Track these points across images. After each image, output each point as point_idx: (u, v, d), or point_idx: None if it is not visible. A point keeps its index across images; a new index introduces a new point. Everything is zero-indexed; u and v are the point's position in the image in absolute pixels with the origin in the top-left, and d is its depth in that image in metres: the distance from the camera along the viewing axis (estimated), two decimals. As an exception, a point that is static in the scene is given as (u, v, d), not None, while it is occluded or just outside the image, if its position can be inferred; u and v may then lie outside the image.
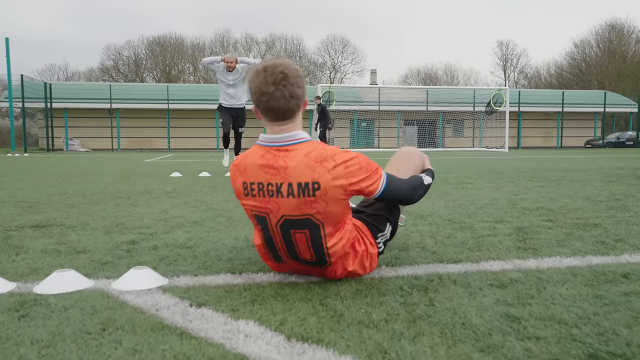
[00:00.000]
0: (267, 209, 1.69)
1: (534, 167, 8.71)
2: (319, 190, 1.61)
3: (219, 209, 3.65)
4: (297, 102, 1.66)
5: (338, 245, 1.72)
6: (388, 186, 1.76)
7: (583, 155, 16.59)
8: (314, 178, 1.61)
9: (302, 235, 1.69)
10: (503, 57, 60.20)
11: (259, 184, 1.67)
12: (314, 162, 1.62)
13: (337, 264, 1.76)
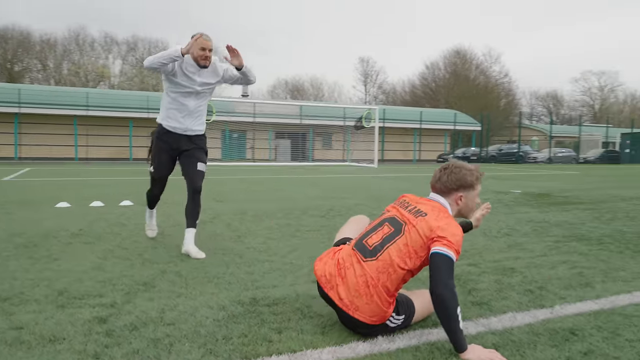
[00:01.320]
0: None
1: (419, 190, 9.54)
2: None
3: (157, 261, 3.49)
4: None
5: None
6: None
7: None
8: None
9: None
10: (364, 72, 64.32)
11: None
12: None
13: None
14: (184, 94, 3.74)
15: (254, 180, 12.31)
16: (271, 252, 3.86)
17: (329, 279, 2.19)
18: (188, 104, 3.75)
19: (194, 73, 3.70)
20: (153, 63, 3.49)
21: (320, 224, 5.29)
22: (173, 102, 3.74)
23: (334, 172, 17.55)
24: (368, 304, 2.08)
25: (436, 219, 2.14)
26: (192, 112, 3.78)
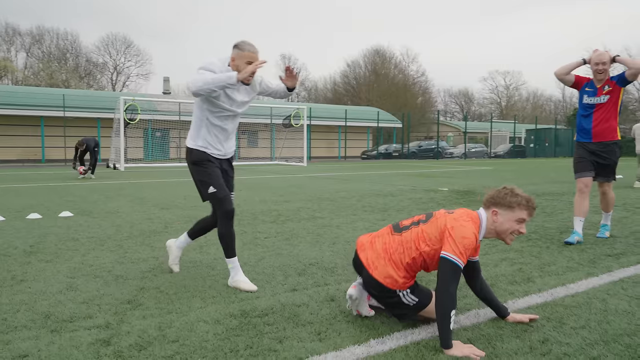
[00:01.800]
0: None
1: (355, 190, 9.96)
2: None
3: (129, 277, 3.53)
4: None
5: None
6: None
7: (379, 170, 19.17)
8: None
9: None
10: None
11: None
12: None
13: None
14: (224, 117, 3.28)
15: (187, 183, 12.16)
16: (240, 262, 3.99)
17: (364, 245, 2.71)
18: (227, 128, 3.32)
19: (234, 91, 3.23)
20: (202, 89, 3.01)
21: (275, 230, 5.47)
22: (213, 127, 3.26)
23: (265, 171, 17.66)
24: (384, 267, 2.55)
25: (455, 219, 2.49)
26: (230, 134, 3.38)
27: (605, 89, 4.75)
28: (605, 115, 4.78)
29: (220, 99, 3.20)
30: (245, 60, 3.13)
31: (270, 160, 29.71)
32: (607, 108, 4.77)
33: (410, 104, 51.39)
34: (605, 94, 4.75)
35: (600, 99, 4.78)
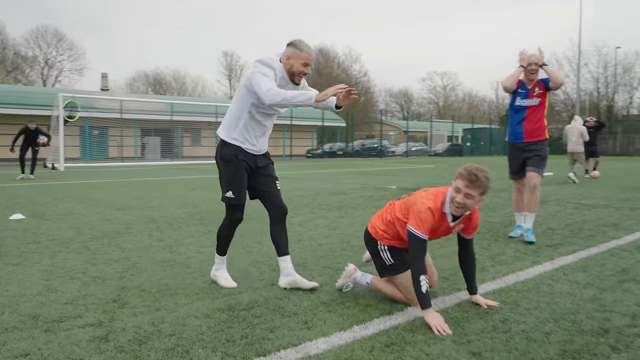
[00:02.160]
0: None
1: (308, 189, 10.18)
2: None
3: (106, 278, 3.58)
4: None
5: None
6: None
7: (326, 169, 19.49)
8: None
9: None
10: (228, 67, 63.94)
11: None
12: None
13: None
14: (267, 115, 3.25)
15: (136, 183, 11.94)
16: (211, 261, 4.09)
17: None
18: (267, 124, 3.30)
19: (283, 87, 3.15)
20: (279, 104, 2.99)
21: (243, 228, 5.55)
22: (252, 122, 3.20)
23: (212, 171, 17.54)
24: (374, 220, 3.20)
25: (421, 197, 2.91)
26: (267, 131, 3.35)
27: (536, 90, 4.97)
28: (536, 117, 5.02)
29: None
30: (302, 61, 3.09)
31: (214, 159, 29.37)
32: (537, 110, 5.01)
33: (352, 103, 52.21)
34: (537, 97, 4.98)
35: (532, 101, 4.99)
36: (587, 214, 6.87)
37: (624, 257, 4.27)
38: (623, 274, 3.71)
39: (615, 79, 48.29)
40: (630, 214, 6.81)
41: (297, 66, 3.10)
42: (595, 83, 49.15)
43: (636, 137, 42.18)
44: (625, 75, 48.53)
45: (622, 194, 9.53)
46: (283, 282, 3.28)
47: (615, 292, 3.27)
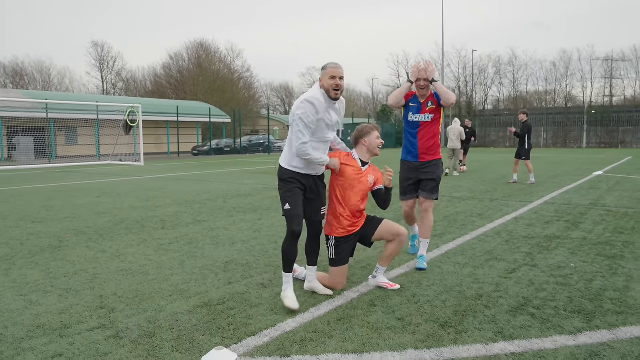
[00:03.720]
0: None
1: (214, 191, 10.69)
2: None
3: (77, 289, 4.02)
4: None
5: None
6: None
7: (221, 168, 19.80)
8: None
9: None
10: (99, 58, 60.24)
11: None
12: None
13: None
14: (319, 142, 3.71)
15: (30, 190, 11.50)
16: (165, 267, 4.69)
17: None
18: (320, 148, 3.73)
19: (328, 113, 3.67)
20: (304, 158, 3.60)
21: (172, 235, 6.14)
22: (313, 141, 3.64)
23: (105, 173, 17.09)
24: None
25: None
26: (326, 148, 3.83)
27: (429, 105, 4.61)
28: (429, 133, 4.68)
29: (321, 129, 3.64)
30: (329, 75, 3.57)
31: (96, 160, 28.01)
32: (431, 126, 4.66)
33: (236, 98, 52.41)
34: (430, 112, 4.62)
35: (424, 117, 4.65)
36: (459, 206, 8.42)
37: (488, 241, 5.64)
38: (488, 254, 5.03)
39: (473, 79, 54.32)
40: (490, 205, 8.49)
41: (326, 82, 3.56)
42: (457, 82, 54.88)
43: (491, 130, 47.97)
44: (480, 75, 54.81)
45: (483, 186, 11.49)
46: (306, 285, 3.91)
47: (484, 268, 4.52)
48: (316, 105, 3.52)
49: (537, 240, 5.63)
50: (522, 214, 7.46)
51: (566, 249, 5.20)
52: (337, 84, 3.54)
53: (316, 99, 3.53)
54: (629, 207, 8.08)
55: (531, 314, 3.38)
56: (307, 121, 3.50)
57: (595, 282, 4.08)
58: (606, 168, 16.91)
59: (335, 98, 3.60)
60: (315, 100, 3.53)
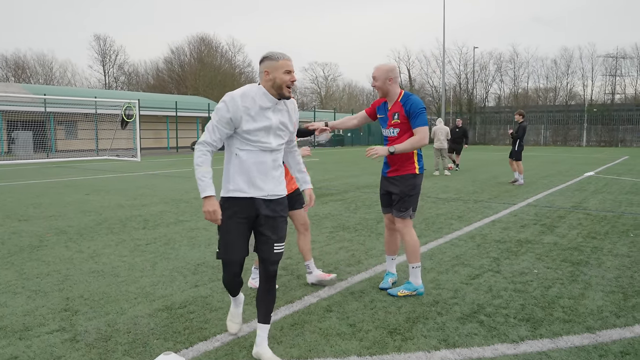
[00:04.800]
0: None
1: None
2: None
3: (45, 290, 4.13)
4: None
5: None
6: None
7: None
8: None
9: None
10: (101, 52, 60.36)
11: None
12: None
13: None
14: (261, 151, 2.87)
15: (21, 187, 11.63)
16: (137, 269, 4.80)
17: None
18: (266, 159, 2.89)
19: (261, 112, 2.83)
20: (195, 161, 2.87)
21: (151, 236, 6.24)
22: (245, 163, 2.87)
23: (100, 169, 17.22)
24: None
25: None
26: (273, 167, 2.93)
27: (395, 118, 3.98)
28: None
29: (256, 133, 2.82)
30: (283, 69, 2.80)
31: (95, 155, 28.14)
32: (399, 141, 3.96)
33: (237, 93, 52.45)
34: (394, 127, 3.99)
35: (390, 132, 4.04)
36: (442, 207, 8.50)
37: (459, 245, 5.73)
38: (456, 259, 5.11)
39: (474, 76, 54.20)
40: (473, 207, 8.56)
41: (280, 77, 2.80)
42: (458, 78, 54.76)
43: (492, 128, 47.96)
44: (481, 73, 54.67)
45: (472, 187, 11.56)
46: (254, 351, 2.95)
47: (448, 273, 4.61)
48: (239, 102, 2.74)
49: (508, 245, 5.71)
50: (501, 217, 7.54)
51: (534, 255, 5.28)
52: (294, 79, 2.85)
53: (244, 95, 2.78)
54: (609, 210, 8.15)
55: (480, 321, 3.46)
56: (219, 118, 2.79)
57: (552, 289, 4.16)
58: (599, 169, 16.94)
59: (287, 97, 2.88)
60: (240, 97, 2.76)
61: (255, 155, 2.85)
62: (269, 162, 2.89)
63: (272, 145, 2.88)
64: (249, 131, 2.80)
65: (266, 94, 2.84)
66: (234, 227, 2.88)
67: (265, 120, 2.83)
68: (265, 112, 2.83)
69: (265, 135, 2.85)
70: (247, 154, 2.84)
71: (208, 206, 2.80)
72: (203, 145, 2.86)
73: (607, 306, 3.74)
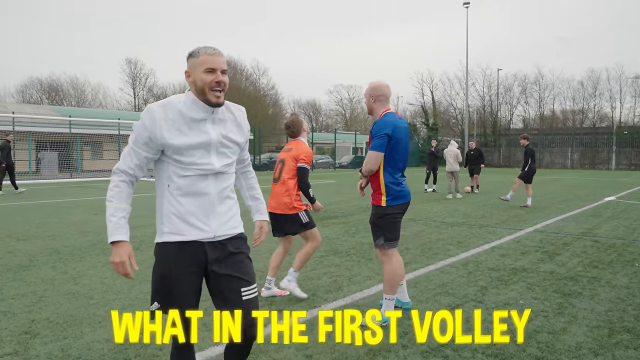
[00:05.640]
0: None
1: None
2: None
3: (15, 312, 4.12)
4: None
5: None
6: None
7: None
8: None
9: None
10: (132, 75, 62.20)
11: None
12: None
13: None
14: (200, 177, 2.19)
15: (36, 207, 11.88)
16: (113, 291, 4.76)
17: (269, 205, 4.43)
18: (209, 190, 2.21)
19: (202, 122, 2.18)
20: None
21: (140, 257, 6.20)
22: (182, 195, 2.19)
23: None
24: (278, 204, 4.47)
25: (299, 149, 4.51)
26: (218, 199, 2.24)
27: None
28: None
29: (190, 152, 2.16)
30: (203, 67, 2.12)
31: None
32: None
33: (260, 115, 53.14)
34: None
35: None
36: (444, 232, 8.27)
37: (449, 272, 5.52)
38: (441, 287, 4.91)
39: (498, 98, 53.61)
40: (477, 232, 8.31)
41: (200, 78, 2.12)
42: (482, 100, 54.24)
43: (517, 150, 47.07)
44: (506, 94, 54.05)
45: (481, 211, 11.26)
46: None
47: (428, 302, 4.42)
48: (158, 115, 2.10)
49: (501, 273, 5.48)
50: (502, 243, 7.28)
51: (525, 284, 5.04)
52: (218, 80, 2.12)
53: (167, 105, 2.14)
54: (619, 237, 7.78)
55: (445, 356, 3.28)
56: (135, 137, 2.16)
57: (534, 322, 3.93)
58: (622, 193, 16.35)
59: (216, 103, 2.15)
60: (161, 107, 2.13)
61: (192, 182, 2.17)
62: (212, 190, 2.20)
63: (214, 166, 2.19)
64: (179, 149, 2.13)
65: (196, 102, 2.17)
66: (175, 283, 2.16)
67: (200, 134, 2.16)
68: (199, 124, 2.17)
69: (204, 155, 2.17)
70: (182, 182, 2.17)
71: (115, 256, 2.10)
72: (117, 175, 2.19)
73: (588, 342, 3.50)
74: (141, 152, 2.18)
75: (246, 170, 2.67)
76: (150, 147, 2.16)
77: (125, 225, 2.17)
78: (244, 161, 2.61)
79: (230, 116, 2.30)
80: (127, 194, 2.22)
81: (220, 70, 2.16)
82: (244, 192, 2.70)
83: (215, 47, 2.18)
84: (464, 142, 42.55)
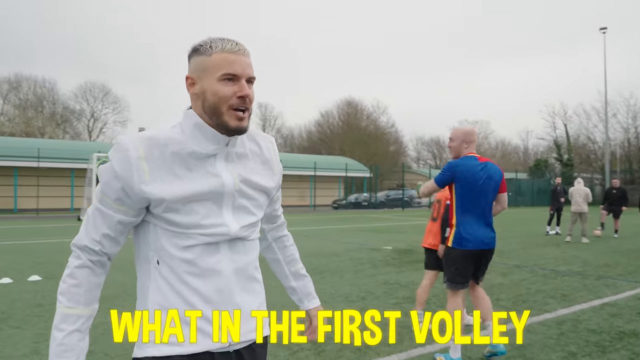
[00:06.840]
0: None
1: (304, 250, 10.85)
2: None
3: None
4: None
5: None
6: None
7: (339, 224, 20.14)
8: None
9: None
10: (263, 117, 66.66)
11: None
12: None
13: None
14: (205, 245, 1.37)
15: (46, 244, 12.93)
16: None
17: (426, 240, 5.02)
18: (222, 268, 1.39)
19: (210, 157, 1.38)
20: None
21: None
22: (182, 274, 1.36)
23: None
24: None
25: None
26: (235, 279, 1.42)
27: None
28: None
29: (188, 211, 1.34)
30: (219, 73, 1.33)
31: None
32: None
33: (380, 153, 53.37)
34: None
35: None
36: (550, 282, 7.31)
37: (537, 331, 4.79)
38: (517, 350, 4.26)
39: (646, 130, 47.67)
40: (591, 284, 7.21)
41: (213, 90, 1.33)
42: (625, 133, 48.64)
43: (671, 189, 41.10)
44: (656, 126, 47.90)
45: (606, 258, 9.83)
46: None
47: (495, 367, 3.83)
48: (136, 152, 1.31)
49: (602, 337, 4.61)
50: (618, 300, 6.20)
51: (628, 354, 4.17)
52: (243, 95, 1.34)
53: (152, 139, 1.34)
54: None
55: None
56: (102, 192, 1.35)
57: (622, 404, 3.19)
58: None
59: (236, 128, 1.35)
60: (142, 141, 1.32)
61: (195, 257, 1.36)
62: (226, 268, 1.39)
63: (230, 229, 1.38)
64: (173, 204, 1.32)
65: (201, 127, 1.36)
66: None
67: (207, 177, 1.36)
68: (205, 163, 1.37)
69: (213, 211, 1.37)
70: (179, 257, 1.36)
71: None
72: (75, 257, 1.38)
73: None
74: (113, 215, 1.35)
75: (281, 234, 1.75)
76: (125, 204, 1.33)
77: (75, 347, 1.31)
78: (277, 219, 1.71)
79: (255, 149, 1.48)
80: (88, 289, 1.37)
81: (245, 79, 1.35)
82: (281, 267, 1.77)
83: (238, 41, 1.37)
84: (604, 179, 38.32)
